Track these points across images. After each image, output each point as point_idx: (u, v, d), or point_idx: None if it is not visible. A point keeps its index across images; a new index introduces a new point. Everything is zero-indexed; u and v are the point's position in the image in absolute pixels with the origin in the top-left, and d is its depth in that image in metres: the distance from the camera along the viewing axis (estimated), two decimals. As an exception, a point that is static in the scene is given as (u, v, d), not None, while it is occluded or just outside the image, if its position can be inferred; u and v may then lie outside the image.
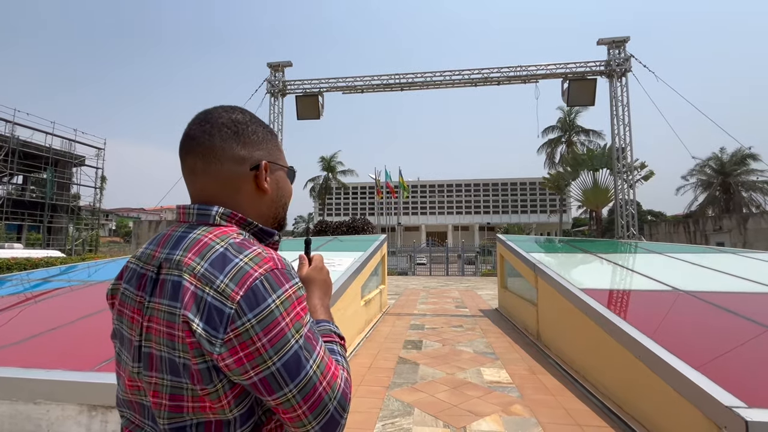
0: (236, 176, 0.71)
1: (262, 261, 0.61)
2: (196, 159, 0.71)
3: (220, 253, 0.62)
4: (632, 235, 14.81)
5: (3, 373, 2.15)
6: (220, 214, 0.69)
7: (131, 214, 63.15)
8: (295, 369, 0.58)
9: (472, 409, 3.17)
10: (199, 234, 0.66)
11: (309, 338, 0.61)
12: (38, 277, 5.45)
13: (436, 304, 9.31)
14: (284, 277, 0.62)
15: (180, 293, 0.60)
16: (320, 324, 0.76)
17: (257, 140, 0.74)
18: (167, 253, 0.65)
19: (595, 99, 14.96)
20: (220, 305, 0.58)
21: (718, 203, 28.74)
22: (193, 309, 0.59)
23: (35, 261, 9.76)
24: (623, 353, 3.05)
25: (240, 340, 0.57)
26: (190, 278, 0.60)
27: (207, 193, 0.72)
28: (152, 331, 0.63)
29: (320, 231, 24.79)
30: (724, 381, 2.20)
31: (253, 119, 0.76)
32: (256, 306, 0.58)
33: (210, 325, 0.57)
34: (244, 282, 0.58)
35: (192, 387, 0.60)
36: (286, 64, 17.13)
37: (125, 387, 0.68)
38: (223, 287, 0.58)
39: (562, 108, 35.40)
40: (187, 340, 0.59)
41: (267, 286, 0.59)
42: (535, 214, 59.71)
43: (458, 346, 5.25)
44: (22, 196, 23.35)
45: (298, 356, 0.59)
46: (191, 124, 0.73)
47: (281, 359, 0.58)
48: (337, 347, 0.72)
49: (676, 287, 4.36)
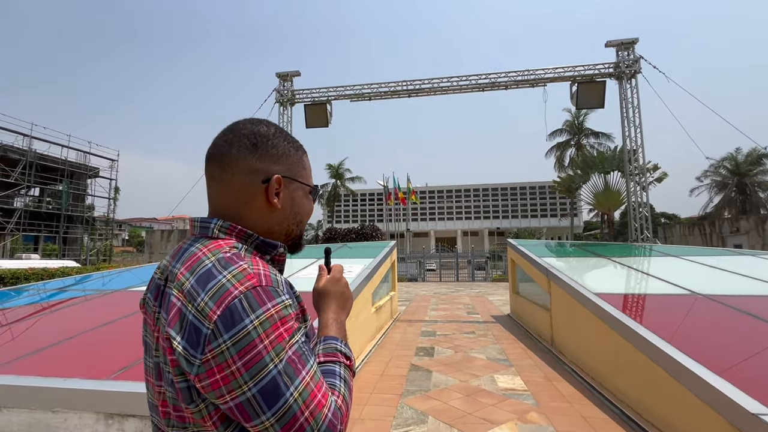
0: (247, 187, 0.71)
1: (246, 278, 0.59)
2: (214, 167, 0.72)
3: (208, 269, 0.61)
4: (646, 238, 14.56)
5: (22, 381, 2.18)
6: (218, 227, 0.69)
7: (144, 224, 64.14)
8: (273, 396, 0.55)
9: (487, 417, 3.12)
10: (196, 248, 0.66)
11: (292, 362, 0.57)
12: (55, 287, 5.55)
13: (447, 311, 9.23)
14: (267, 295, 0.59)
15: (168, 308, 0.61)
16: (327, 342, 0.73)
17: (276, 154, 0.73)
18: (173, 266, 0.67)
19: (604, 101, 14.86)
20: (199, 324, 0.56)
21: (735, 204, 28.16)
22: (176, 326, 0.58)
23: (52, 271, 9.95)
24: (641, 359, 2.98)
25: (216, 362, 0.55)
26: (177, 294, 0.61)
27: (220, 202, 0.72)
28: (159, 342, 0.64)
29: (329, 238, 24.85)
30: (748, 387, 2.13)
31: (277, 133, 0.75)
32: (232, 327, 0.55)
33: (189, 344, 0.56)
34: (223, 301, 0.57)
35: (181, 402, 0.60)
36: (294, 73, 17.36)
37: (153, 392, 0.69)
38: (203, 306, 0.57)
39: (570, 111, 35.18)
40: (169, 357, 0.59)
41: (245, 306, 0.56)
42: (545, 218, 59.05)
43: (471, 352, 5.19)
44: (38, 207, 23.86)
45: (276, 382, 0.55)
46: (219, 134, 0.75)
47: (257, 384, 0.55)
48: (340, 369, 0.69)
49: (694, 291, 4.27)
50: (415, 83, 16.38)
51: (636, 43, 14.76)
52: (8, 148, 20.57)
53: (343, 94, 16.72)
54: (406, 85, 16.41)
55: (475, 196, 62.00)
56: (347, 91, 16.71)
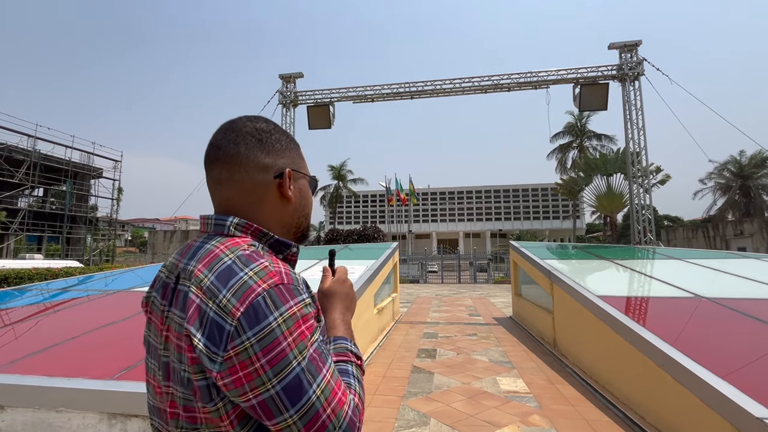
0: (260, 184, 0.71)
1: (267, 275, 0.59)
2: (222, 168, 0.71)
3: (227, 266, 0.60)
4: (649, 240, 14.51)
5: (25, 381, 2.19)
6: (234, 224, 0.69)
7: (146, 224, 64.35)
8: (297, 393, 0.55)
9: (490, 420, 3.11)
10: (213, 245, 0.65)
11: (314, 360, 0.58)
12: (58, 286, 5.57)
13: (449, 312, 9.22)
14: (289, 294, 0.59)
15: (186, 305, 0.60)
16: (337, 342, 0.73)
17: (281, 148, 0.74)
18: (185, 263, 0.66)
19: (607, 103, 14.82)
20: (221, 321, 0.56)
21: (738, 207, 28.01)
22: (196, 323, 0.58)
23: (55, 271, 9.99)
24: (645, 362, 2.96)
25: (239, 359, 0.55)
26: (196, 290, 0.60)
27: (231, 203, 0.71)
28: (169, 341, 0.63)
29: (331, 239, 24.85)
30: (753, 391, 2.12)
31: (276, 128, 0.76)
32: (256, 324, 0.55)
33: (211, 341, 0.56)
34: (246, 297, 0.56)
35: (197, 402, 0.60)
36: (297, 75, 17.41)
37: (155, 394, 0.68)
38: (225, 302, 0.57)
39: (572, 113, 35.14)
40: (188, 355, 0.58)
41: (269, 303, 0.57)
42: (547, 221, 58.91)
43: (473, 354, 5.18)
44: (42, 208, 24.00)
45: (300, 379, 0.55)
46: (216, 134, 0.73)
47: (281, 382, 0.55)
48: (353, 368, 0.69)
49: (697, 294, 4.24)
50: (418, 85, 16.40)
51: (639, 45, 14.73)
52: (13, 148, 20.70)
53: (345, 95, 16.76)
54: (409, 87, 16.42)
55: (477, 198, 61.92)
56: (350, 93, 16.74)
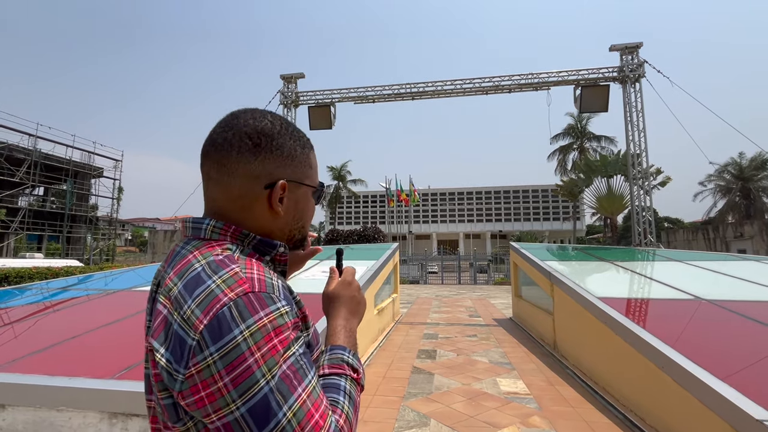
0: (247, 193, 0.64)
1: (236, 283, 0.53)
2: (212, 166, 0.66)
3: (197, 273, 0.55)
4: (650, 242, 14.50)
5: (26, 380, 2.19)
6: (211, 227, 0.63)
7: (146, 224, 64.36)
8: (264, 416, 0.49)
9: (490, 421, 3.11)
10: (187, 250, 0.61)
11: (287, 378, 0.51)
12: (58, 286, 5.58)
13: (449, 313, 9.22)
14: (260, 303, 0.53)
15: (153, 316, 0.56)
16: (333, 352, 0.67)
17: (281, 155, 0.66)
18: (165, 270, 0.62)
19: (608, 105, 14.81)
20: (184, 335, 0.51)
21: (739, 209, 28.02)
22: (160, 336, 0.53)
23: (56, 270, 9.99)
24: (645, 363, 2.97)
25: (201, 378, 0.50)
26: (164, 301, 0.56)
27: (216, 204, 0.66)
28: (148, 352, 0.59)
29: (331, 240, 24.85)
30: (753, 393, 2.12)
31: (282, 130, 0.68)
32: (219, 338, 0.50)
33: (174, 357, 0.52)
34: (211, 309, 0.51)
35: (167, 420, 0.56)
36: (298, 75, 17.42)
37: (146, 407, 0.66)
38: (189, 314, 0.52)
39: (572, 114, 35.16)
40: (153, 371, 0.54)
41: (235, 314, 0.51)
42: (548, 222, 58.92)
43: (473, 355, 5.18)
44: (42, 207, 24.03)
45: (268, 400, 0.49)
46: (216, 127, 0.67)
47: (246, 403, 0.49)
48: (346, 383, 0.62)
49: (698, 296, 4.25)
50: (419, 86, 16.40)
51: (640, 47, 14.73)
52: (14, 147, 20.75)
53: (346, 96, 16.77)
54: (410, 88, 16.43)
55: (477, 199, 61.93)
56: (351, 93, 16.75)
